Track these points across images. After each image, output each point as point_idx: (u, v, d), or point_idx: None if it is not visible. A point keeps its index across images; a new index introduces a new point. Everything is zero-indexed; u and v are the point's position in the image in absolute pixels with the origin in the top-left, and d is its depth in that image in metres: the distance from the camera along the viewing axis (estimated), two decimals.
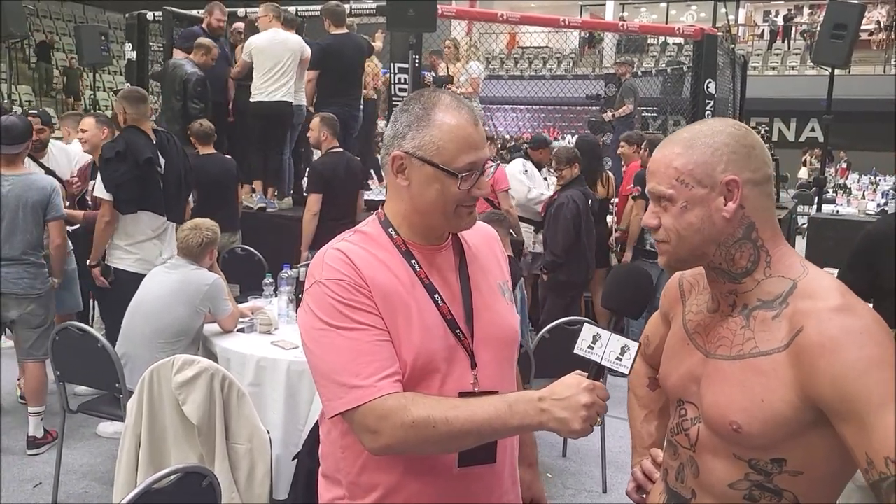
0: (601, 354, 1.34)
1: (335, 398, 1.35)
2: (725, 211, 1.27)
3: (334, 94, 6.14)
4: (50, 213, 3.97)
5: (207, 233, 3.69)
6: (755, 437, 1.23)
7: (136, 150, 4.23)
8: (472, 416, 1.30)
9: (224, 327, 3.61)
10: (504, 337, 1.52)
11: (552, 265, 5.20)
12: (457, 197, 1.41)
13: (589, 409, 1.27)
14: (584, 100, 11.28)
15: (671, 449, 1.42)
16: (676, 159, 1.29)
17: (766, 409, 1.21)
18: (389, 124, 1.48)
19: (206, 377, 2.86)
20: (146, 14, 7.84)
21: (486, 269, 1.55)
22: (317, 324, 1.38)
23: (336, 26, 6.15)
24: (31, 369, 4.06)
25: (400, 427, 1.30)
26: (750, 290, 1.30)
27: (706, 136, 1.29)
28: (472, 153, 1.40)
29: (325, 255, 1.44)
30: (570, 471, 4.12)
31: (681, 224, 1.29)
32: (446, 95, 1.46)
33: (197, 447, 2.91)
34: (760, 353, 1.24)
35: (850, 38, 7.05)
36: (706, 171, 1.27)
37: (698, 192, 1.27)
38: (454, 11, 7.94)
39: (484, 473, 1.46)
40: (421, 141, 1.40)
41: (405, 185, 1.43)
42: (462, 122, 1.41)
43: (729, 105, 9.13)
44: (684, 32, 8.49)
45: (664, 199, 1.30)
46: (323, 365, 1.37)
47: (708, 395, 1.31)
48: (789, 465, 1.23)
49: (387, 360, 1.35)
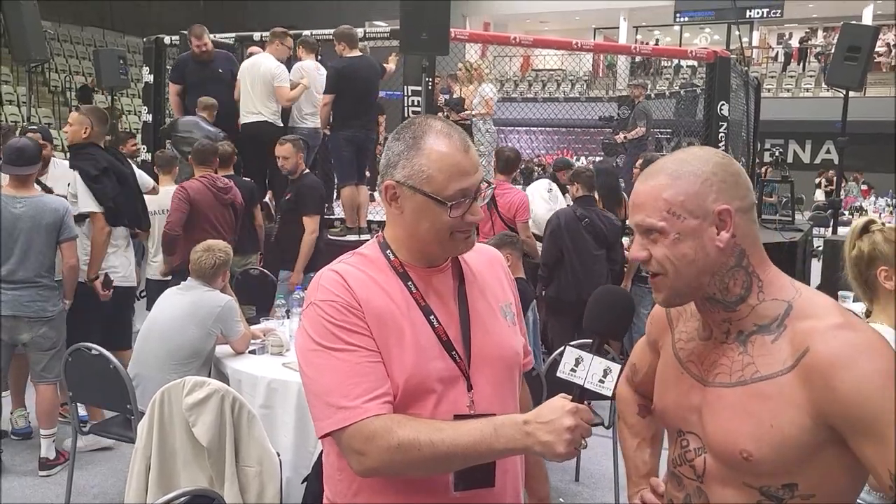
0: (584, 377, 1.34)
1: (324, 418, 1.36)
2: (719, 241, 1.25)
3: (350, 116, 6.16)
4: (63, 234, 3.99)
5: (220, 254, 3.70)
6: (766, 463, 1.21)
7: (116, 168, 4.42)
8: (457, 439, 1.30)
9: (236, 349, 3.62)
10: (502, 359, 1.51)
11: (540, 279, 5.21)
12: (450, 224, 1.41)
13: (573, 433, 1.27)
14: (597, 122, 11.31)
15: (675, 480, 1.40)
16: (665, 191, 1.26)
17: (775, 433, 1.19)
18: (384, 153, 1.48)
19: (216, 399, 2.85)
20: (163, 38, 7.95)
21: (486, 291, 1.55)
22: (310, 344, 1.39)
23: (350, 49, 6.19)
24: (43, 392, 4.06)
25: (386, 449, 1.30)
26: (745, 317, 1.29)
27: (692, 166, 1.27)
28: (462, 180, 1.40)
29: (321, 277, 1.45)
30: (582, 495, 4.08)
31: (675, 255, 1.26)
32: (437, 122, 1.46)
33: (207, 469, 2.90)
34: (763, 378, 1.23)
35: (863, 60, 7.03)
36: (697, 201, 1.25)
37: (690, 224, 1.25)
38: (467, 35, 7.99)
39: (483, 497, 1.44)
40: (411, 170, 1.41)
41: (398, 213, 1.45)
42: (451, 149, 1.41)
43: (743, 127, 9.12)
44: (697, 55, 8.51)
45: (654, 232, 1.27)
46: (314, 385, 1.38)
47: (711, 424, 1.29)
48: (801, 489, 1.22)
49: (376, 381, 1.36)
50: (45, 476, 3.99)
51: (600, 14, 24.35)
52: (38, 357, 4.02)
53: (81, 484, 3.89)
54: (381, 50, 7.39)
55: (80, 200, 4.33)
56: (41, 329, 3.97)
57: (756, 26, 24.08)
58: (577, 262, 5.06)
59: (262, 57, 6.36)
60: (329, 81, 6.17)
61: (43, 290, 3.96)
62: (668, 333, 1.47)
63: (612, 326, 1.43)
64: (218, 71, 6.58)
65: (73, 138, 4.51)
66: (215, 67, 6.58)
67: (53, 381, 4.04)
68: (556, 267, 5.13)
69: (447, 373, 1.43)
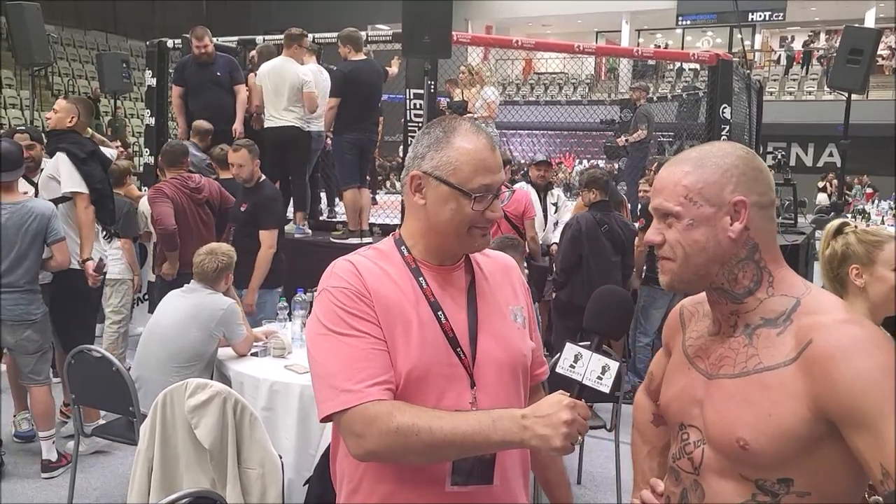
0: (582, 373, 1.36)
1: (326, 400, 1.39)
2: (731, 231, 1.28)
3: (354, 119, 6.16)
4: (51, 237, 3.95)
5: (223, 258, 3.71)
6: (762, 453, 1.22)
7: (101, 156, 4.46)
8: (456, 427, 1.32)
9: (238, 352, 3.62)
10: (508, 360, 1.53)
11: (554, 283, 5.21)
12: (470, 217, 1.45)
13: (570, 427, 1.29)
14: (598, 125, 11.31)
15: (673, 476, 1.41)
16: (685, 177, 1.30)
17: (772, 423, 1.20)
18: (411, 147, 1.54)
19: (218, 401, 2.86)
20: (166, 42, 7.97)
21: (496, 293, 1.57)
22: (319, 329, 1.43)
23: (355, 52, 6.19)
24: (36, 393, 4.03)
25: (385, 433, 1.32)
26: (752, 310, 1.31)
27: (716, 157, 1.30)
28: (487, 176, 1.45)
29: (335, 266, 1.50)
30: (584, 498, 4.08)
31: (686, 240, 1.30)
32: (466, 122, 1.52)
33: (209, 471, 2.90)
34: (766, 369, 1.24)
35: (865, 63, 7.06)
36: (715, 190, 1.28)
37: (706, 211, 1.28)
38: (469, 38, 7.99)
39: (481, 495, 1.46)
40: (439, 161, 1.46)
41: (422, 203, 1.49)
42: (479, 146, 1.47)
43: (745, 130, 9.11)
44: (699, 58, 8.51)
45: (670, 216, 1.31)
46: (320, 368, 1.42)
47: (711, 414, 1.31)
48: (796, 486, 1.22)
49: (380, 367, 1.39)
50: (47, 478, 4.00)
51: (602, 17, 24.38)
52: (24, 360, 3.98)
53: (84, 486, 3.90)
54: (383, 53, 7.40)
55: (65, 181, 4.25)
56: (25, 332, 3.92)
57: (758, 29, 24.09)
58: (595, 268, 5.06)
59: (284, 60, 6.25)
60: (335, 85, 6.17)
61: (26, 294, 3.91)
62: (679, 334, 1.49)
63: (612, 325, 1.44)
64: (216, 74, 6.52)
65: (57, 125, 4.46)
66: (214, 70, 6.53)
67: (45, 383, 4.02)
68: (573, 272, 5.12)
69: (450, 369, 1.45)
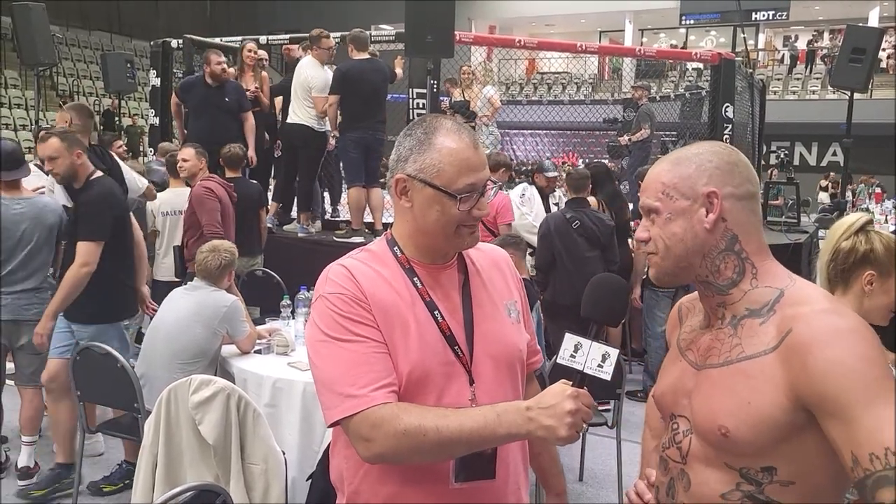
0: (583, 363, 1.39)
1: (332, 407, 1.40)
2: (707, 222, 1.33)
3: (357, 118, 6.18)
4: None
5: (226, 255, 3.73)
6: (743, 441, 1.24)
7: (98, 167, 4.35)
8: (462, 425, 1.33)
9: (241, 349, 3.64)
10: (505, 354, 1.55)
11: (537, 284, 5.16)
12: (457, 217, 1.46)
13: (574, 416, 1.31)
14: (601, 124, 11.32)
15: (662, 465, 1.43)
16: (664, 175, 1.37)
17: (752, 411, 1.23)
18: (394, 149, 1.53)
19: (222, 397, 2.88)
20: (170, 42, 8.00)
21: (490, 289, 1.58)
22: (319, 335, 1.43)
23: (358, 51, 6.22)
24: (30, 396, 3.98)
25: (392, 435, 1.33)
26: (737, 301, 1.34)
27: (693, 155, 1.37)
28: (471, 175, 1.46)
29: (329, 271, 1.50)
30: (586, 495, 4.09)
31: (666, 234, 1.35)
32: (447, 121, 1.51)
33: (213, 467, 2.92)
34: (747, 357, 1.27)
35: (868, 62, 7.05)
36: (689, 184, 1.34)
37: (681, 204, 1.34)
38: (472, 37, 8.01)
39: (484, 490, 1.48)
40: (422, 164, 1.46)
41: (408, 206, 1.49)
42: (462, 145, 1.47)
43: (748, 129, 9.12)
44: (702, 57, 8.52)
45: (652, 212, 1.37)
46: (322, 375, 1.42)
47: (697, 403, 1.33)
48: (780, 475, 1.24)
49: (382, 371, 1.39)
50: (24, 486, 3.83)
51: (605, 17, 24.38)
52: (28, 360, 3.93)
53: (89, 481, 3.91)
54: (386, 53, 7.42)
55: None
56: None
57: (762, 29, 24.06)
58: (571, 265, 5.05)
59: (306, 60, 6.45)
60: (333, 82, 6.21)
61: (41, 293, 3.90)
62: (677, 329, 1.52)
63: (609, 312, 1.47)
64: (225, 99, 6.33)
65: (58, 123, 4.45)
66: (223, 95, 6.33)
67: (39, 385, 3.95)
68: (549, 271, 5.14)
69: (449, 367, 1.46)
